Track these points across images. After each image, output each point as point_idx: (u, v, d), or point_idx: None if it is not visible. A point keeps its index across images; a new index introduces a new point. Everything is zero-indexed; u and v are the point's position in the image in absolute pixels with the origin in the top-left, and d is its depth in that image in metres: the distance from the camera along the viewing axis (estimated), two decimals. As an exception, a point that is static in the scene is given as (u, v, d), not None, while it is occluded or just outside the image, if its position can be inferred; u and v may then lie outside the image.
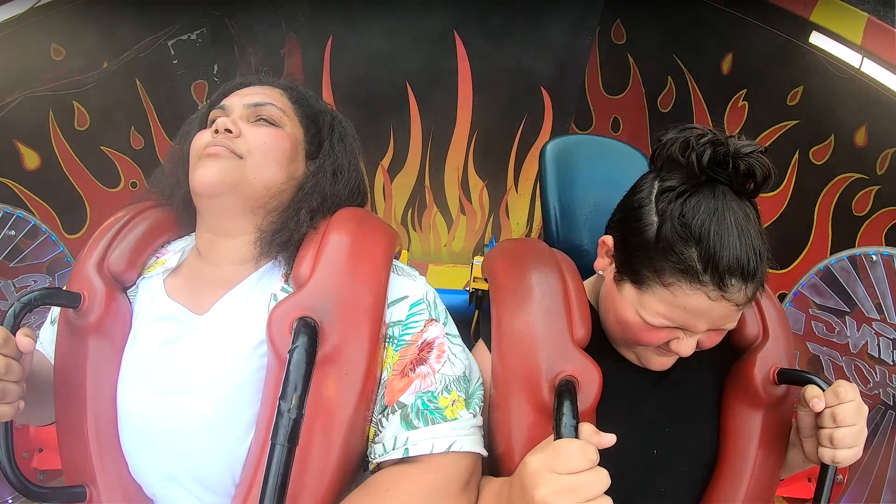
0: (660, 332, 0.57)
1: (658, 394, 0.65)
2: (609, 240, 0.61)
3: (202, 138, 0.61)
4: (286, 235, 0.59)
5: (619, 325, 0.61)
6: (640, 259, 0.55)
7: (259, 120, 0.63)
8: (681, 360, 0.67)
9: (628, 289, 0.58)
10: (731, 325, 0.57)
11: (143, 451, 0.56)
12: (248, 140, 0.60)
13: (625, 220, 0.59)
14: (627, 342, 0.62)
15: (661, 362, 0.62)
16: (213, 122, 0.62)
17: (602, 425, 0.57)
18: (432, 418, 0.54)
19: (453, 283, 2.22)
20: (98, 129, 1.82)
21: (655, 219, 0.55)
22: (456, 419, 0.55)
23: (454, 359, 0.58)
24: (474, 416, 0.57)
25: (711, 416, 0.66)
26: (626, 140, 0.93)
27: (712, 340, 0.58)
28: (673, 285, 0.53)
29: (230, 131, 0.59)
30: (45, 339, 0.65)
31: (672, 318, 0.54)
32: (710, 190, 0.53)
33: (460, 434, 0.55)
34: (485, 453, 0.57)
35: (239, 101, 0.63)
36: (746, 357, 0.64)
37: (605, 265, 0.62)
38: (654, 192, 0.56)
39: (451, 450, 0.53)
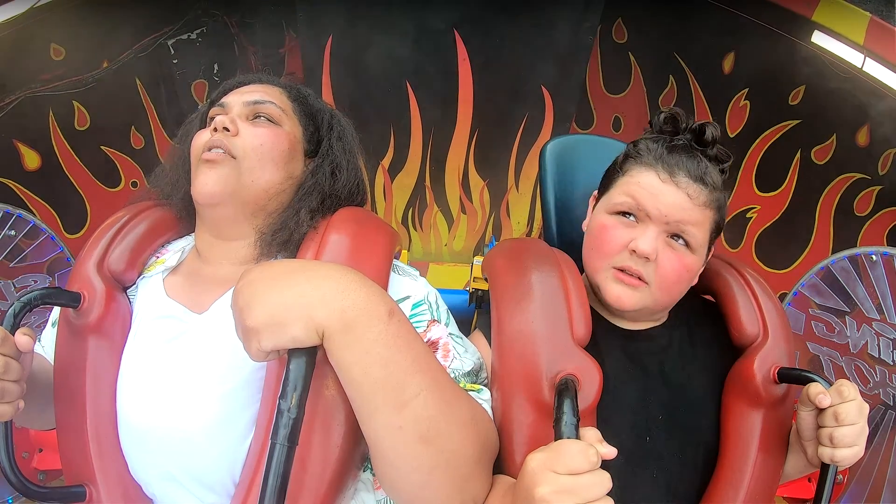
0: (618, 229, 0.62)
1: (655, 385, 0.65)
2: (595, 193, 0.71)
3: (201, 138, 0.61)
4: (286, 235, 0.59)
5: (590, 243, 0.66)
6: (609, 175, 0.68)
7: (258, 118, 0.62)
8: (679, 356, 0.68)
9: (601, 202, 0.67)
10: (689, 229, 0.61)
11: (143, 450, 0.55)
12: (245, 140, 0.60)
13: (604, 174, 0.70)
14: (595, 265, 0.64)
15: (617, 292, 0.62)
16: (213, 119, 0.62)
17: (599, 412, 0.57)
18: None
19: (454, 282, 2.22)
20: (98, 128, 1.82)
21: (622, 153, 0.68)
22: (479, 391, 0.56)
23: (460, 357, 0.58)
24: (489, 393, 0.58)
25: (708, 409, 0.66)
26: (628, 139, 0.93)
27: (669, 258, 0.61)
28: (629, 170, 0.64)
29: (228, 130, 0.59)
30: (47, 342, 0.65)
31: (630, 194, 0.62)
32: (667, 138, 0.65)
33: (485, 402, 0.56)
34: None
35: (238, 99, 0.63)
36: (746, 356, 0.64)
37: (588, 218, 0.70)
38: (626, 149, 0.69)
39: (482, 406, 0.54)
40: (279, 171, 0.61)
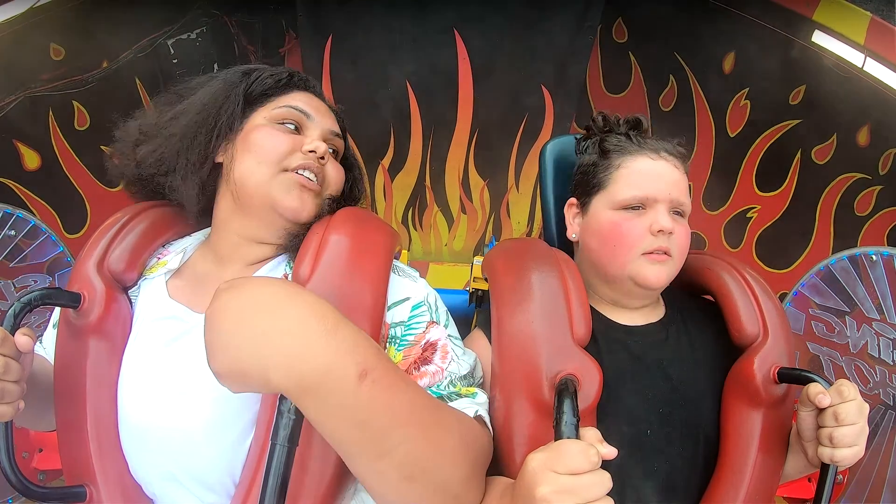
0: (632, 220, 0.66)
1: (655, 379, 0.66)
2: (573, 200, 0.74)
3: (289, 148, 0.59)
4: (300, 241, 0.60)
5: (609, 242, 0.66)
6: (594, 175, 0.70)
7: (332, 151, 0.65)
8: (677, 350, 0.68)
9: (595, 201, 0.69)
10: (686, 201, 0.67)
11: (143, 450, 0.56)
12: (329, 176, 0.62)
13: (576, 180, 0.74)
14: (622, 259, 0.65)
15: (655, 272, 0.65)
16: (289, 123, 0.61)
17: (599, 406, 0.57)
18: (448, 396, 0.54)
19: (454, 282, 2.22)
20: (98, 128, 1.82)
21: (592, 153, 0.72)
22: (473, 395, 0.56)
23: (458, 359, 0.58)
24: (485, 396, 0.58)
25: (708, 404, 0.66)
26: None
27: (679, 229, 0.66)
28: (620, 163, 0.68)
29: (323, 159, 0.61)
30: (48, 343, 0.65)
31: (636, 185, 0.66)
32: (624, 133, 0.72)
33: (481, 406, 0.55)
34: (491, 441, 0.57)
35: (321, 122, 0.63)
36: (746, 356, 0.64)
37: (574, 223, 0.72)
38: (586, 152, 0.74)
39: (478, 414, 0.54)
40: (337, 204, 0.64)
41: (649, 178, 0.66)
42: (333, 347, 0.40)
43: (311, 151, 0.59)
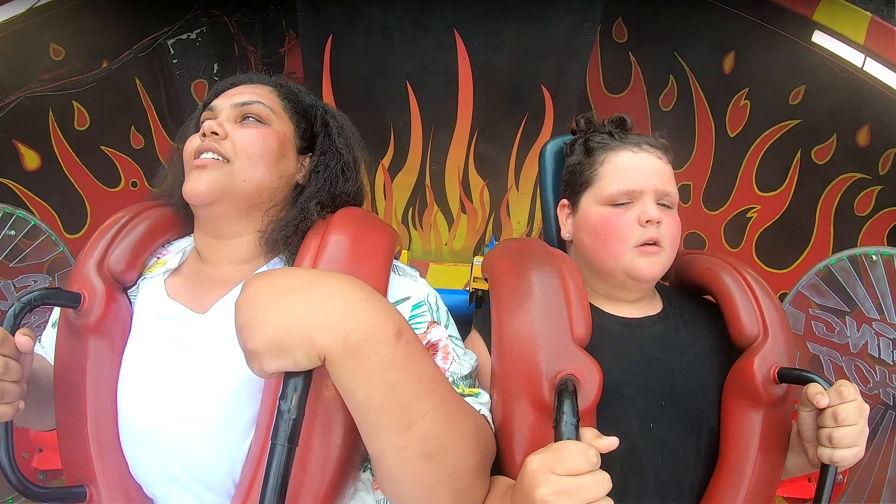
0: (621, 215, 0.67)
1: (657, 372, 0.66)
2: (564, 201, 0.75)
3: (192, 143, 0.62)
4: (290, 231, 0.60)
5: (601, 236, 0.68)
6: (580, 174, 0.72)
7: (246, 119, 0.63)
8: (677, 344, 0.68)
9: (584, 199, 0.71)
10: (672, 191, 0.69)
11: (143, 450, 0.56)
12: (234, 142, 0.60)
13: (565, 181, 0.76)
14: (615, 252, 0.66)
15: (647, 264, 0.66)
16: (203, 124, 0.62)
17: (602, 400, 0.58)
18: None
19: (454, 282, 2.22)
20: (98, 128, 1.82)
21: (578, 154, 0.74)
22: (477, 395, 0.57)
23: (459, 360, 0.58)
24: (487, 396, 0.59)
25: (709, 397, 0.66)
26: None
27: (667, 219, 0.67)
28: (605, 160, 0.70)
29: (216, 134, 0.60)
30: (47, 342, 0.65)
31: (621, 178, 0.68)
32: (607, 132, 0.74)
33: (484, 405, 0.56)
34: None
35: (226, 102, 0.63)
36: (746, 356, 0.64)
37: (567, 224, 0.74)
38: (573, 153, 0.76)
39: (482, 413, 0.54)
40: (270, 170, 0.62)
41: (633, 170, 0.68)
42: (373, 308, 0.43)
43: (202, 135, 0.60)
